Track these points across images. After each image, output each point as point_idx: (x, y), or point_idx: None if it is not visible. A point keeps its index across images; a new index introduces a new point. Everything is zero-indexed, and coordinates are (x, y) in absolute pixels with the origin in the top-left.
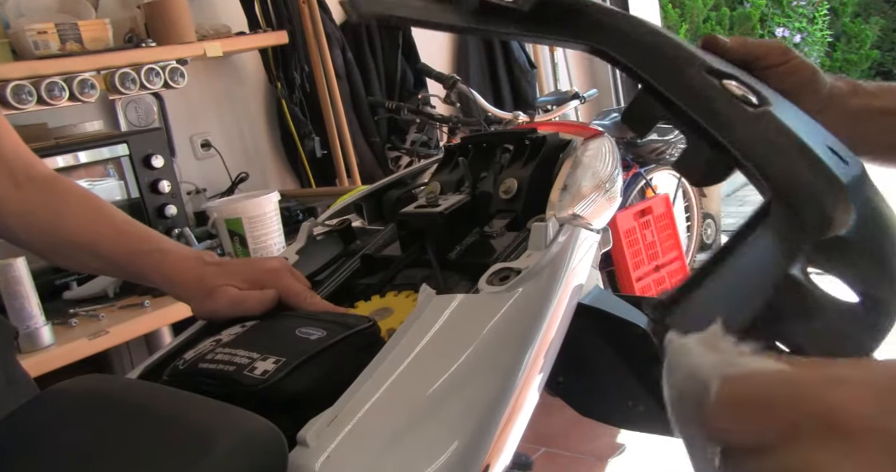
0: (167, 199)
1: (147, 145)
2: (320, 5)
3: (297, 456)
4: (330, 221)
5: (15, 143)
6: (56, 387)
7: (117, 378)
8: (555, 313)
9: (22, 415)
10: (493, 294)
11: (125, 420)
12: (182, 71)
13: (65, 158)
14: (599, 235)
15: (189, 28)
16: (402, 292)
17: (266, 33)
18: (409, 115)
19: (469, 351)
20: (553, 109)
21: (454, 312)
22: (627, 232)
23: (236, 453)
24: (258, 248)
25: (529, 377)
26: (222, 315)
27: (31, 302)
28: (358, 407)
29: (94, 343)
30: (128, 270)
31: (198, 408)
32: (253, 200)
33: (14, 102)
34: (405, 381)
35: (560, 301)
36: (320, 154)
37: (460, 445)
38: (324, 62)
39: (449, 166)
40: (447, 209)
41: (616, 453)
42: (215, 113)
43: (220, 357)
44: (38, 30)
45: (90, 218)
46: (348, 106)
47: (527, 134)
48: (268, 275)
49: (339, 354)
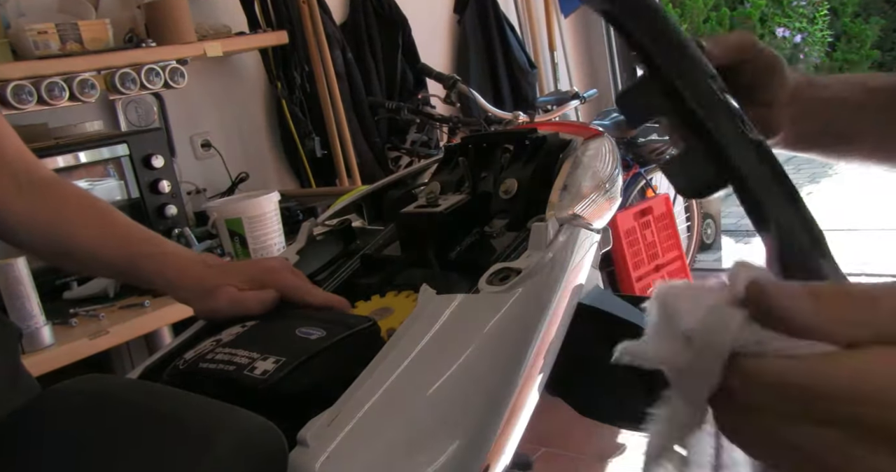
0: (167, 199)
1: (147, 145)
2: (320, 5)
3: (297, 456)
4: (330, 222)
5: (16, 145)
6: (56, 387)
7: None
8: (555, 313)
9: (22, 415)
10: (493, 294)
11: (125, 420)
12: (182, 71)
13: (65, 158)
14: (599, 235)
15: (189, 28)
16: (403, 292)
17: (266, 33)
18: (409, 115)
19: (469, 351)
20: (553, 109)
21: (454, 312)
22: (627, 232)
23: (236, 453)
24: (258, 248)
25: (529, 377)
26: (223, 315)
27: (31, 302)
28: (358, 407)
29: (94, 343)
30: (129, 273)
31: (198, 408)
32: (253, 200)
33: (14, 102)
34: (405, 381)
35: (560, 301)
36: (320, 154)
37: (460, 445)
38: (324, 62)
39: (449, 166)
40: (447, 209)
41: (616, 453)
42: (215, 113)
43: (221, 357)
44: (38, 30)
45: (92, 221)
46: (348, 106)
47: (527, 134)
48: (268, 274)
49: (339, 354)
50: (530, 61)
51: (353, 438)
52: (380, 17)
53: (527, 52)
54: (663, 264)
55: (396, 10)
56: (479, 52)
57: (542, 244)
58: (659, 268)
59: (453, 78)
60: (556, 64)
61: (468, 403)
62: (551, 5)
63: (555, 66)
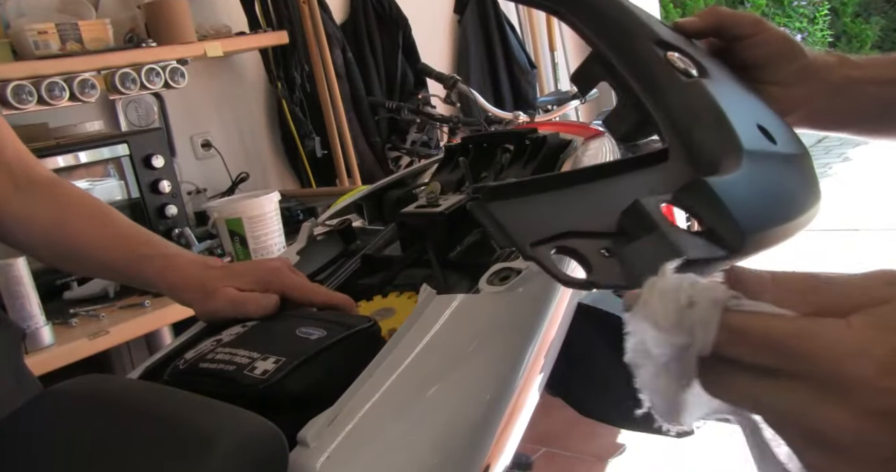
0: (167, 199)
1: (147, 145)
2: (320, 5)
3: (298, 456)
4: (330, 222)
5: (16, 146)
6: (56, 387)
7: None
8: (555, 313)
9: (22, 415)
10: (493, 294)
11: (125, 420)
12: (182, 71)
13: (65, 158)
14: None
15: (189, 28)
16: (404, 292)
17: (266, 33)
18: (410, 115)
19: (469, 351)
20: (553, 109)
21: (455, 312)
22: None
23: (236, 453)
24: (258, 248)
25: (529, 377)
26: (223, 316)
27: (31, 302)
28: (358, 407)
29: (94, 343)
30: (130, 275)
31: (198, 408)
32: (253, 200)
33: (14, 102)
34: (406, 381)
35: (560, 301)
36: (320, 154)
37: (460, 445)
38: (324, 62)
39: (449, 166)
40: (447, 209)
41: (616, 453)
42: (215, 113)
43: (221, 357)
44: (38, 30)
45: (92, 222)
46: (348, 106)
47: (527, 134)
48: (270, 274)
49: (339, 354)
50: (530, 61)
51: (353, 438)
52: (380, 17)
53: (527, 52)
54: None
55: (397, 10)
56: (479, 52)
57: None
58: None
59: (453, 78)
60: (557, 64)
61: (468, 403)
62: None
63: (555, 66)
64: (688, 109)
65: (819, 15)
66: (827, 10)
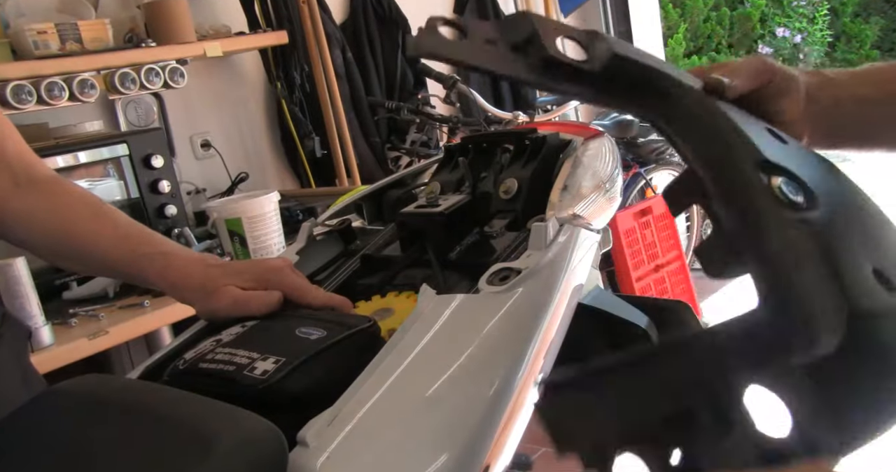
0: (167, 199)
1: (147, 145)
2: (320, 5)
3: (298, 456)
4: (330, 222)
5: (17, 143)
6: (56, 387)
7: (117, 378)
8: (555, 313)
9: (22, 415)
10: (493, 294)
11: (125, 420)
12: (182, 71)
13: (65, 158)
14: (599, 235)
15: (189, 28)
16: (403, 292)
17: (266, 33)
18: (409, 115)
19: (469, 351)
20: (553, 109)
21: (454, 312)
22: (627, 232)
23: (236, 453)
24: (258, 248)
25: (529, 377)
26: (224, 315)
27: (31, 302)
28: (358, 407)
29: (94, 343)
30: (130, 273)
31: (198, 408)
32: (253, 200)
33: (14, 102)
34: (405, 381)
35: (560, 301)
36: (320, 154)
37: (460, 445)
38: (324, 62)
39: (449, 166)
40: (447, 209)
41: None
42: (215, 113)
43: (221, 357)
44: (38, 30)
45: (92, 220)
46: (348, 106)
47: (527, 134)
48: (271, 273)
49: (339, 354)
50: None
51: (353, 438)
52: (380, 17)
53: None
54: (663, 264)
55: (396, 10)
56: None
57: (542, 244)
58: (659, 268)
59: (453, 78)
60: None
61: (468, 403)
62: (551, 5)
63: None
64: (789, 252)
65: (818, 15)
66: (826, 11)
